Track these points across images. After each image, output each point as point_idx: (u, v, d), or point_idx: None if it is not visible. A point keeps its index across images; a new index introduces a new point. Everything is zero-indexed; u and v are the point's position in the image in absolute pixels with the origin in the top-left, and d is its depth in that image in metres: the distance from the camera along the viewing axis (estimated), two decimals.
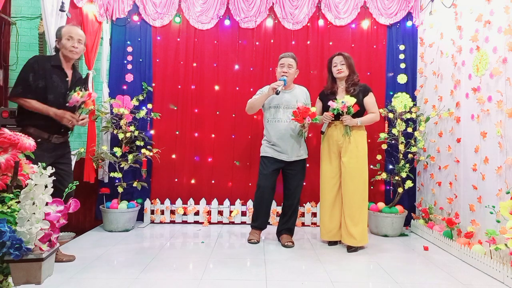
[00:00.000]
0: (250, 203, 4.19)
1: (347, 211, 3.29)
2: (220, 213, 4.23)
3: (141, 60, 4.25)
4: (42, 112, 2.68)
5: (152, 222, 4.19)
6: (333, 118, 3.33)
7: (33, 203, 1.49)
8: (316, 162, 4.21)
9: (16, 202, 1.56)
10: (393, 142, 4.00)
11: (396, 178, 3.88)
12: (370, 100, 3.38)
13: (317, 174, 4.18)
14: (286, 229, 3.50)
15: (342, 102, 3.19)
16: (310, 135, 4.23)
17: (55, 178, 1.58)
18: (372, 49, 4.30)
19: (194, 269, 2.76)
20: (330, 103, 3.26)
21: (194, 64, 4.28)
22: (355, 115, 3.29)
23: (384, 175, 3.93)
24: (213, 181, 4.26)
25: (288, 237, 3.46)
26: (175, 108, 4.26)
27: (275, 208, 4.17)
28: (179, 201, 4.19)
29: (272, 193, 3.48)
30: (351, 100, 3.22)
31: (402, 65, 4.28)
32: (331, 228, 3.39)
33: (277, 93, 3.26)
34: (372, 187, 4.19)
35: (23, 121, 2.70)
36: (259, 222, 3.52)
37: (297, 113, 3.23)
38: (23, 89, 2.64)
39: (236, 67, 4.30)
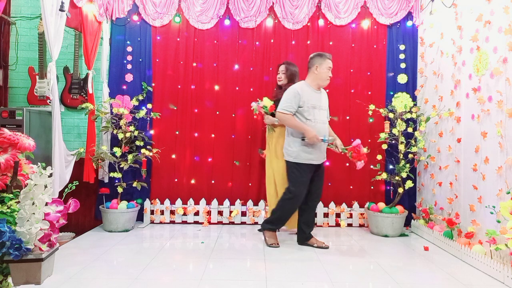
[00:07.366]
0: (250, 203, 4.19)
1: None
2: (220, 213, 4.22)
3: (141, 60, 4.24)
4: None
5: (152, 222, 4.18)
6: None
7: (33, 203, 1.48)
8: None
9: (16, 202, 1.56)
10: (393, 142, 4.00)
11: (397, 178, 3.88)
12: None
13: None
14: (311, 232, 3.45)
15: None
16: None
17: None
18: (372, 49, 4.30)
19: (194, 269, 2.76)
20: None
21: (194, 64, 4.28)
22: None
23: (384, 175, 3.93)
24: (213, 181, 4.26)
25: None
26: (175, 108, 4.25)
27: None
28: (179, 201, 4.18)
29: None
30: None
31: (403, 65, 4.28)
32: None
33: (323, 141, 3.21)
34: (372, 187, 4.19)
35: None
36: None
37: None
38: None
39: (236, 67, 4.29)
